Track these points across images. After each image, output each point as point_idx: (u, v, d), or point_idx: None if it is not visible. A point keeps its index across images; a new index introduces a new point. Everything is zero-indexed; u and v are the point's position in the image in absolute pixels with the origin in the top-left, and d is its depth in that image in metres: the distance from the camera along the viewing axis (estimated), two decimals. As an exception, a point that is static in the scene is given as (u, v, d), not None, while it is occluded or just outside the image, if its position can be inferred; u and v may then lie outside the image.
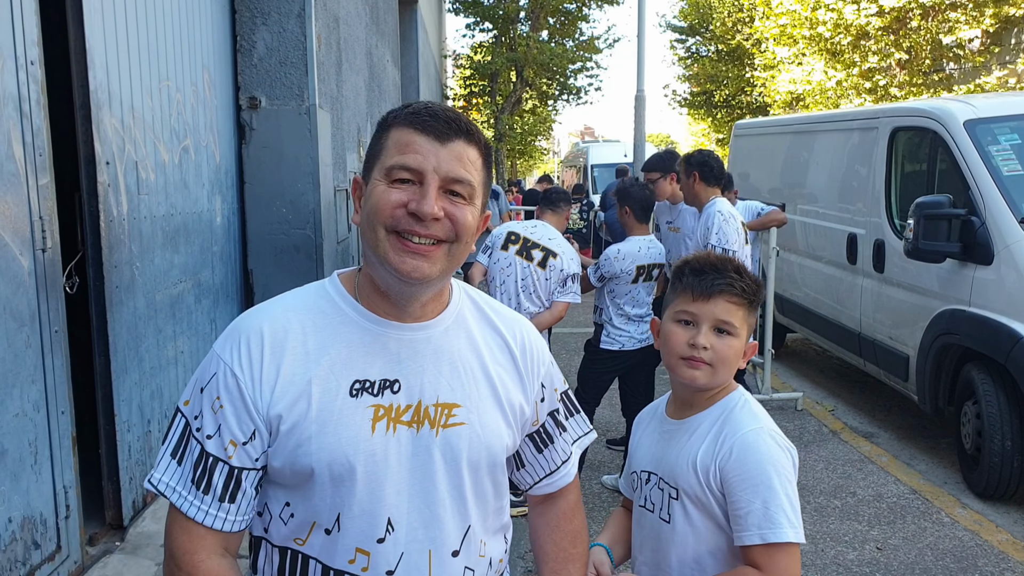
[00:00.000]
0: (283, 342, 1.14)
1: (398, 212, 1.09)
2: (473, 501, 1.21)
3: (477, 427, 1.20)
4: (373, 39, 7.72)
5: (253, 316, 1.18)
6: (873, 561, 3.67)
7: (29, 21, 2.52)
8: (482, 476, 1.22)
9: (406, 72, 12.61)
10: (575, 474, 1.43)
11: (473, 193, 1.14)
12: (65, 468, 2.71)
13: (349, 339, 1.16)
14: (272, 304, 1.21)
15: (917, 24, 14.01)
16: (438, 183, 1.10)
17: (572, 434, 1.41)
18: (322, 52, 4.79)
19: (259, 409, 1.11)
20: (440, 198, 1.10)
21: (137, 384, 3.28)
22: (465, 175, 1.12)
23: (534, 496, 1.43)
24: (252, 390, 1.11)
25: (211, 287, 4.16)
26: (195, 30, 3.95)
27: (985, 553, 3.73)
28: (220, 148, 4.27)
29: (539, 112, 25.57)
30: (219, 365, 1.14)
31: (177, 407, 1.18)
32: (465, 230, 1.13)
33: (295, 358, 1.13)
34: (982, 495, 4.38)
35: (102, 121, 2.99)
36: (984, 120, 4.62)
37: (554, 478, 1.39)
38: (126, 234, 3.17)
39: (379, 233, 1.10)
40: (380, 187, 1.11)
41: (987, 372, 4.33)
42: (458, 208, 1.12)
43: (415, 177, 1.10)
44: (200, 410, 1.14)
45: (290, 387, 1.12)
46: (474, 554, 1.22)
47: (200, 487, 1.12)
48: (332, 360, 1.14)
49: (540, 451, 1.36)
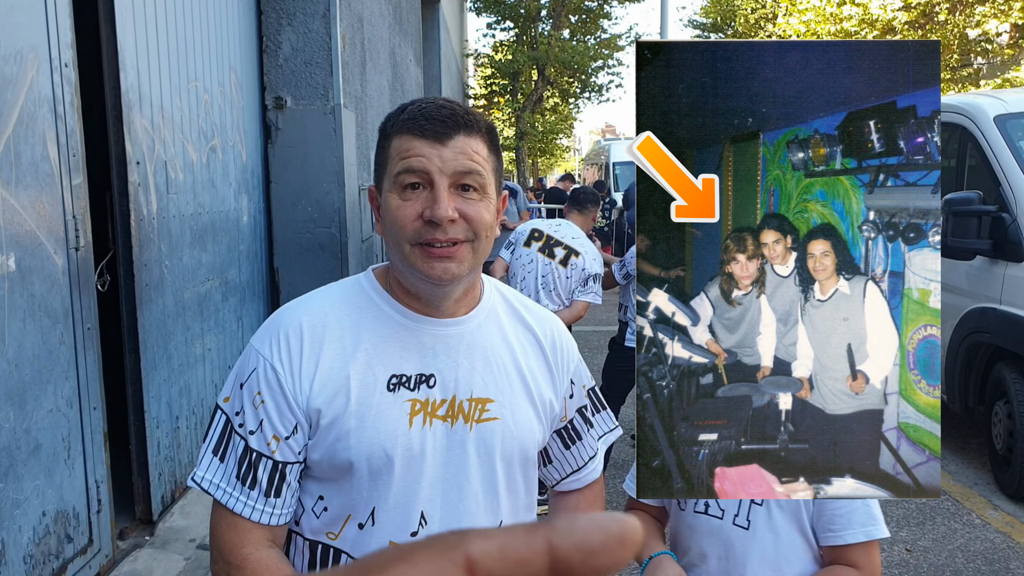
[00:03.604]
0: (322, 336, 1.15)
1: (417, 224, 1.10)
2: (505, 496, 1.22)
3: (510, 422, 1.21)
4: (396, 39, 7.75)
5: (291, 311, 1.20)
6: (903, 563, 3.62)
7: (64, 24, 2.56)
8: (514, 471, 1.23)
9: (428, 71, 12.65)
10: (601, 471, 1.43)
11: (485, 183, 1.14)
12: (97, 463, 2.76)
13: (385, 334, 1.17)
14: (309, 299, 1.22)
15: (944, 18, 13.79)
16: (447, 182, 1.10)
17: (598, 430, 1.41)
18: (346, 52, 4.82)
19: (300, 403, 1.12)
20: (452, 197, 1.11)
21: (166, 381, 3.33)
22: (473, 167, 1.12)
23: (558, 492, 1.43)
24: (292, 384, 1.12)
25: (238, 285, 4.21)
26: (222, 31, 4.00)
27: (1017, 555, 3.66)
28: (247, 148, 4.32)
29: (560, 110, 25.50)
30: (259, 360, 1.15)
31: (217, 404, 1.19)
32: (482, 227, 1.13)
33: (333, 352, 1.14)
34: (1014, 496, 4.30)
35: (133, 122, 3.04)
36: (1015, 115, 4.53)
37: (581, 474, 1.40)
38: (155, 233, 3.22)
39: (404, 248, 1.12)
40: (394, 200, 1.12)
41: (1019, 371, 4.25)
42: (471, 206, 1.12)
43: (423, 181, 1.11)
44: (241, 406, 1.15)
45: (329, 381, 1.13)
46: None
47: (246, 483, 1.13)
48: (369, 355, 1.15)
49: (568, 447, 1.37)
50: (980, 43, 14.07)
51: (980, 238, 4.34)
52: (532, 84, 22.32)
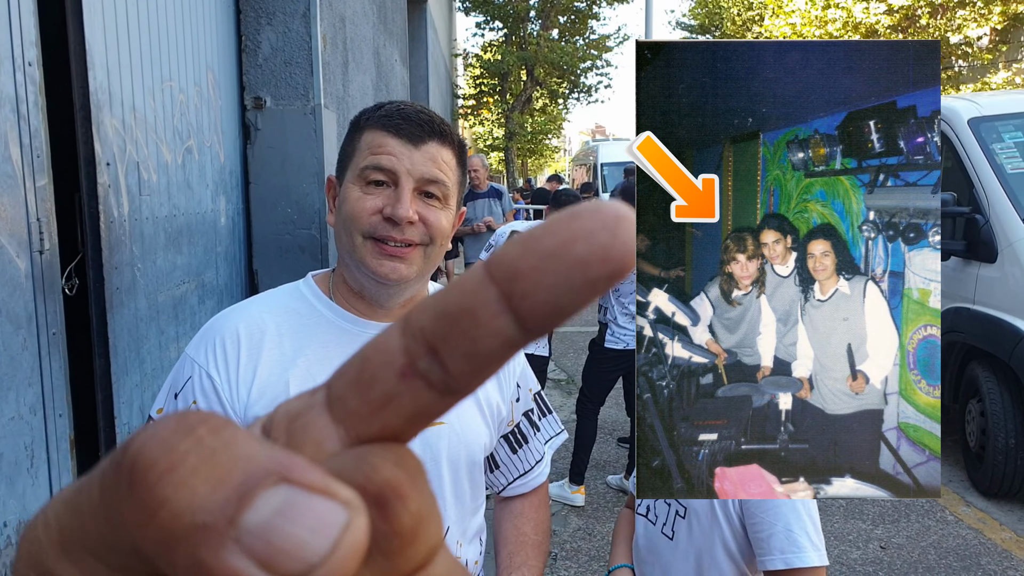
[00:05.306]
0: (260, 343, 1.12)
1: (374, 219, 1.09)
2: (452, 501, 1.20)
3: (456, 426, 1.19)
4: (381, 38, 7.71)
5: (227, 317, 1.16)
6: (877, 560, 3.67)
7: (27, 22, 2.51)
8: (461, 476, 1.21)
9: (415, 71, 12.60)
10: (547, 474, 1.42)
11: (448, 194, 1.13)
12: (63, 471, 2.70)
13: (325, 339, 1.14)
14: (247, 305, 1.19)
15: (926, 22, 14.09)
16: (413, 185, 1.09)
17: (545, 434, 1.41)
18: (327, 52, 4.78)
19: (237, 412, 1.09)
20: (415, 201, 1.10)
21: (139, 386, 3.27)
22: (440, 176, 1.11)
23: (504, 498, 1.41)
24: (229, 392, 1.09)
25: (215, 288, 4.15)
26: (199, 30, 3.94)
27: (988, 551, 3.72)
28: (225, 148, 4.26)
29: (549, 111, 25.57)
30: (194, 368, 1.12)
31: (149, 416, 1.15)
32: (439, 233, 1.13)
33: (272, 359, 1.12)
34: (986, 493, 4.38)
35: (102, 122, 2.98)
36: (988, 118, 4.62)
37: (527, 478, 1.38)
38: (127, 235, 3.17)
39: (356, 239, 1.10)
40: (355, 192, 1.10)
41: (991, 370, 4.33)
42: (432, 212, 1.11)
43: (389, 179, 1.09)
44: None
45: (268, 389, 1.10)
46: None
47: None
48: (309, 361, 1.12)
49: (515, 451, 1.36)
50: (960, 47, 14.41)
51: (954, 239, 4.42)
52: (521, 84, 22.37)
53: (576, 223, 0.19)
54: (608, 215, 0.19)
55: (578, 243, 0.19)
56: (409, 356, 0.20)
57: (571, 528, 4.01)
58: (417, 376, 0.20)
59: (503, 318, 0.19)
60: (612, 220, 0.19)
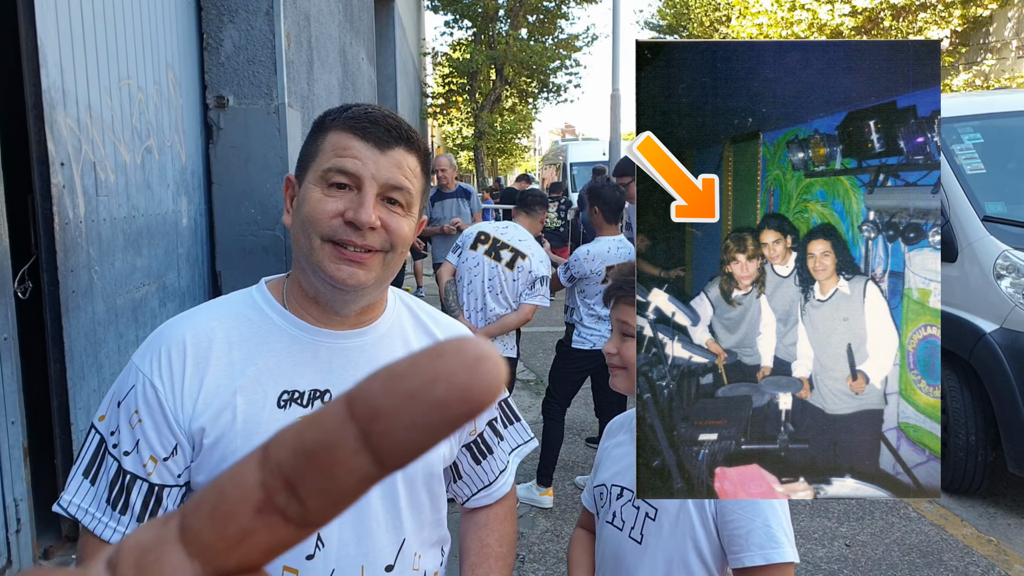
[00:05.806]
0: (207, 352, 1.08)
1: (335, 222, 1.05)
2: (408, 514, 1.17)
3: None
4: (347, 37, 7.63)
5: (175, 325, 1.12)
6: (842, 558, 3.73)
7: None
8: (418, 488, 1.18)
9: (383, 70, 12.49)
10: (512, 483, 1.39)
11: (411, 201, 1.11)
12: (16, 480, 2.61)
13: (276, 348, 1.11)
14: (195, 313, 1.15)
15: (888, 24, 14.45)
16: (376, 190, 1.07)
17: (510, 443, 1.38)
18: (291, 50, 4.71)
19: (180, 423, 1.06)
20: (378, 206, 1.07)
21: (96, 391, 3.18)
22: (404, 183, 1.09)
23: (469, 509, 1.38)
24: (173, 403, 1.06)
25: (177, 290, 4.05)
26: (158, 27, 3.85)
27: (950, 547, 3.81)
28: (186, 148, 4.17)
29: (519, 110, 25.59)
30: (138, 377, 1.08)
31: (92, 423, 1.11)
32: (400, 240, 1.10)
33: (219, 369, 1.08)
34: (947, 489, 4.48)
35: (56, 121, 2.88)
36: (948, 120, 4.73)
37: (492, 489, 1.35)
38: (83, 237, 3.07)
39: (314, 242, 1.07)
40: (315, 193, 1.07)
41: (952, 368, 4.43)
42: (394, 218, 1.09)
43: (352, 183, 1.06)
44: (117, 425, 1.07)
45: (214, 399, 1.06)
46: (408, 568, 1.17)
47: (116, 507, 1.05)
48: (259, 370, 1.09)
49: (479, 462, 1.32)
50: (923, 49, 14.90)
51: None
52: (490, 83, 22.33)
53: (439, 363, 0.20)
54: (469, 356, 0.20)
55: (439, 384, 0.20)
56: (267, 491, 0.21)
57: (539, 530, 4.00)
58: (275, 512, 0.21)
59: (361, 456, 0.20)
60: (472, 360, 0.20)
